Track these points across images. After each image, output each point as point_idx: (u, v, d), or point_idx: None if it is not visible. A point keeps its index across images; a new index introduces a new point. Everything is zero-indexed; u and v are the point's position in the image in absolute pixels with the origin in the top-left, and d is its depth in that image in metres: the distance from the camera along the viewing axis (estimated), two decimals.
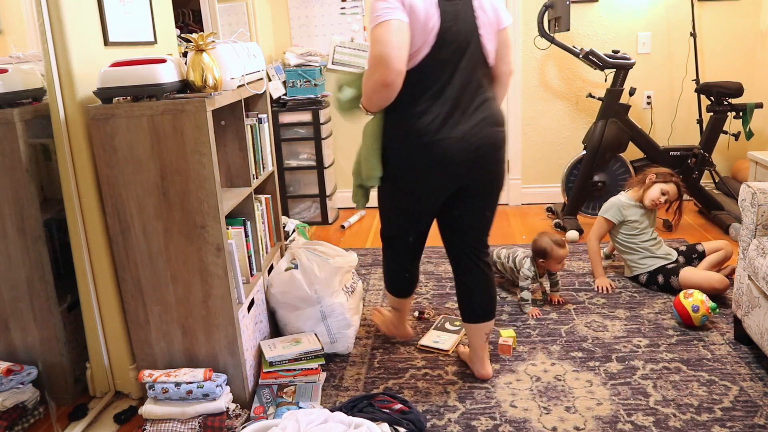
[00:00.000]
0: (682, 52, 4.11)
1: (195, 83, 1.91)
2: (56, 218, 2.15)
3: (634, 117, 4.01)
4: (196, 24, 3.82)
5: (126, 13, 2.22)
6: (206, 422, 1.96)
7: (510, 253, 2.90)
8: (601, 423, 1.96)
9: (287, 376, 2.17)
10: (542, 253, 2.73)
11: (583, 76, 4.22)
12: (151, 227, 1.98)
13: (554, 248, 2.70)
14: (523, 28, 4.16)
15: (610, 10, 4.10)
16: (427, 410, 2.08)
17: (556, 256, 2.70)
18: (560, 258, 2.71)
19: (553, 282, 2.84)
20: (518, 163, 4.40)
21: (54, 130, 1.99)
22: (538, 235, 2.79)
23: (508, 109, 4.30)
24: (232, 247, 2.05)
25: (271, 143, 2.69)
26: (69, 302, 2.20)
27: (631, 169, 3.75)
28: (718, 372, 2.20)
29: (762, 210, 2.21)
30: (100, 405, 2.18)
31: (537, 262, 2.77)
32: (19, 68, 2.12)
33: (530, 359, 2.35)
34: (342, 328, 2.43)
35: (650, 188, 2.94)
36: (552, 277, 2.84)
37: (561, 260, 2.72)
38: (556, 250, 2.70)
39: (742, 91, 3.60)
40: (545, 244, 2.72)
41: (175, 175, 1.92)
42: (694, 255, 2.99)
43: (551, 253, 2.70)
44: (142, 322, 2.08)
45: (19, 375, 2.07)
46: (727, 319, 2.56)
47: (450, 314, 2.75)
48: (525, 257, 2.80)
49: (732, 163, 4.28)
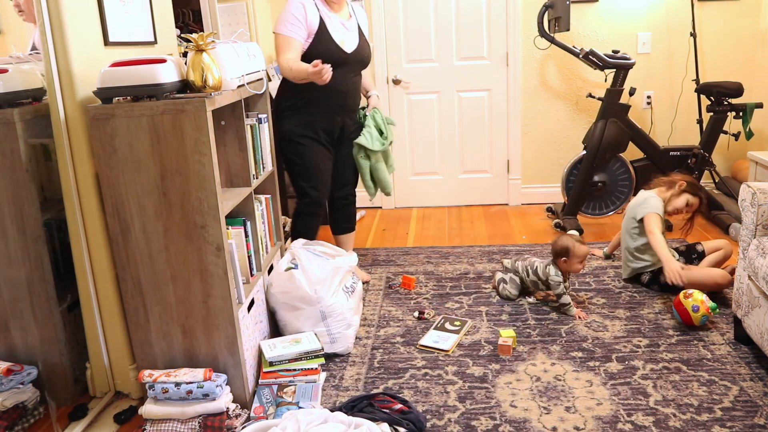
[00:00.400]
0: (682, 52, 4.11)
1: (195, 83, 1.91)
2: (56, 218, 2.15)
3: (634, 117, 4.01)
4: (196, 24, 3.82)
5: (126, 13, 2.22)
6: (206, 422, 1.96)
7: (527, 265, 2.83)
8: (601, 423, 1.96)
9: (287, 376, 2.17)
10: (564, 252, 2.69)
11: (583, 76, 4.22)
12: (151, 227, 1.98)
13: (576, 245, 2.68)
14: (523, 28, 4.16)
15: (610, 10, 4.10)
16: (427, 410, 2.08)
17: (578, 253, 2.68)
18: (582, 255, 2.69)
19: None
20: (518, 163, 4.41)
21: (54, 130, 1.99)
22: (557, 237, 2.77)
23: (508, 108, 4.31)
24: (232, 247, 2.05)
25: (271, 143, 2.69)
26: (69, 302, 2.20)
27: (631, 169, 3.75)
28: (718, 372, 2.20)
29: (762, 210, 2.21)
30: (100, 405, 2.18)
31: (559, 262, 2.72)
32: (19, 68, 2.12)
33: (530, 359, 2.35)
34: (342, 328, 2.43)
35: (678, 197, 2.89)
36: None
37: (583, 258, 2.70)
38: (578, 246, 2.68)
39: (742, 91, 3.60)
40: (567, 242, 2.70)
41: (175, 175, 1.92)
42: (694, 255, 2.99)
43: (573, 249, 2.67)
44: (142, 322, 2.08)
45: (19, 375, 2.07)
46: (727, 319, 2.56)
47: (450, 314, 2.75)
48: (547, 265, 2.75)
49: (732, 163, 4.28)
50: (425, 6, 4.20)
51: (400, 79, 4.30)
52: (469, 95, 4.33)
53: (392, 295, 3.01)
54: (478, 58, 4.26)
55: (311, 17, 2.64)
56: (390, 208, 4.54)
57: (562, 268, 2.72)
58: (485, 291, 2.98)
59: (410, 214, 4.43)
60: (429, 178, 4.52)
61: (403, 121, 4.38)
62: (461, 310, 2.80)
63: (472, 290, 3.00)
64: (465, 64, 4.28)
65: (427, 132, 4.42)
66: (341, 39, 2.69)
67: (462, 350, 2.45)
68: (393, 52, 4.28)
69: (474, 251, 3.53)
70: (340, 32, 2.70)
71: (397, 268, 3.33)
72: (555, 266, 2.72)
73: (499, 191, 4.49)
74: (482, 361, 2.36)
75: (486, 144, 4.41)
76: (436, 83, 4.32)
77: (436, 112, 4.37)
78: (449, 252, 3.55)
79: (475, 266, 3.29)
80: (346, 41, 2.72)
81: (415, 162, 4.48)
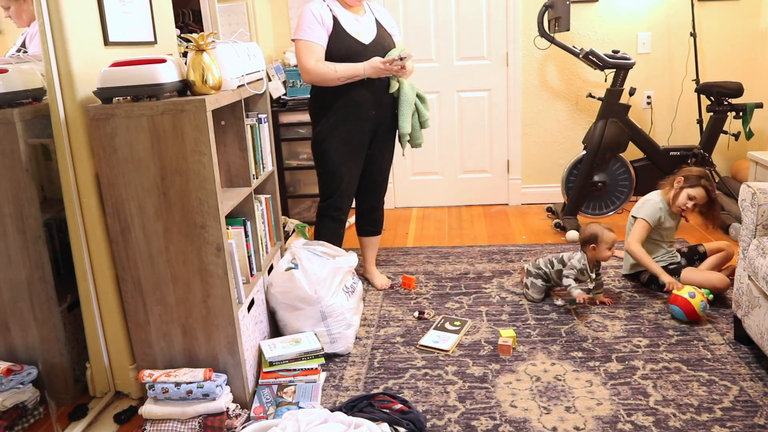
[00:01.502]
0: (682, 52, 4.11)
1: (195, 83, 1.91)
2: (56, 218, 2.15)
3: (634, 117, 4.01)
4: (196, 24, 3.82)
5: (126, 13, 2.22)
6: (206, 422, 1.96)
7: (551, 258, 2.83)
8: (601, 423, 1.96)
9: (287, 376, 2.17)
10: (593, 239, 2.72)
11: (583, 76, 4.22)
12: (151, 227, 1.98)
13: (604, 231, 2.71)
14: (523, 28, 4.16)
15: (610, 10, 4.10)
16: (427, 410, 2.08)
17: (606, 239, 2.70)
18: (611, 242, 2.71)
19: (597, 284, 2.80)
20: (518, 163, 4.41)
21: (54, 130, 1.99)
22: (585, 225, 2.82)
23: (508, 108, 4.31)
24: (232, 247, 2.05)
25: (271, 143, 2.69)
26: (69, 302, 2.20)
27: (630, 169, 3.75)
28: (718, 372, 2.20)
29: (762, 210, 2.21)
30: (100, 405, 2.18)
31: (588, 249, 2.75)
32: (19, 68, 2.12)
33: (530, 359, 2.35)
34: (342, 328, 2.43)
35: (679, 194, 2.83)
36: (597, 278, 2.80)
37: (611, 244, 2.72)
38: (606, 233, 2.70)
39: (742, 91, 3.60)
40: (595, 229, 2.73)
41: (175, 175, 1.92)
42: (696, 256, 2.99)
43: (601, 236, 2.70)
44: (142, 322, 2.08)
45: (19, 375, 2.07)
46: (727, 319, 2.56)
47: (450, 314, 2.75)
48: (574, 252, 2.80)
49: (732, 163, 4.28)
50: (425, 6, 4.20)
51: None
52: (469, 95, 4.33)
53: (392, 295, 3.01)
54: (478, 58, 4.26)
55: (326, 17, 2.64)
56: (390, 208, 4.53)
57: (590, 257, 2.74)
58: (485, 291, 2.98)
59: (410, 214, 4.43)
60: (429, 178, 4.52)
61: None
62: (461, 310, 2.80)
63: (472, 290, 3.00)
64: (465, 64, 4.28)
65: (427, 132, 4.41)
66: (356, 31, 2.69)
67: (462, 350, 2.45)
68: None
69: (474, 251, 3.53)
70: (355, 26, 2.70)
71: (397, 268, 3.33)
72: (582, 254, 2.76)
73: (499, 191, 4.49)
74: (482, 361, 2.36)
75: (486, 144, 4.41)
76: (436, 83, 4.31)
77: (436, 112, 4.36)
78: (449, 252, 3.55)
79: (475, 266, 3.29)
80: (362, 33, 2.70)
81: (415, 162, 4.48)
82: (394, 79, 2.73)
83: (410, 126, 2.78)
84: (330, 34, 2.65)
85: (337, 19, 2.67)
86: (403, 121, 2.75)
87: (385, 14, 2.87)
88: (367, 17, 2.77)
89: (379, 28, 2.77)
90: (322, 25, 2.63)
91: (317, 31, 2.62)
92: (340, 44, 2.65)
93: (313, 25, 2.62)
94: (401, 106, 2.75)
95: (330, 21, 2.65)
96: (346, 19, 2.69)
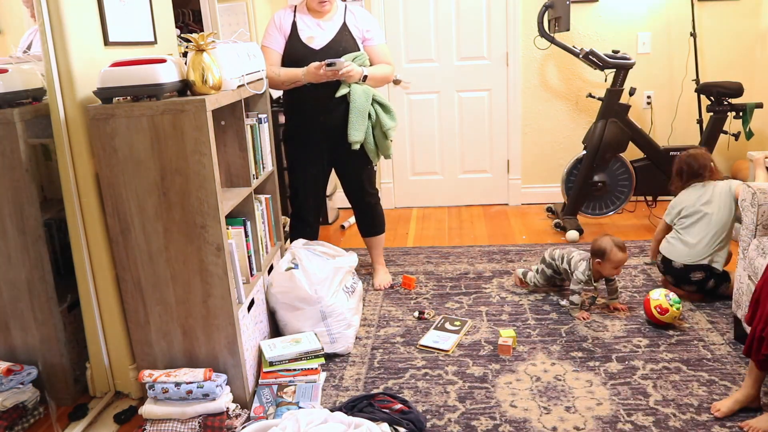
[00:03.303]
0: (682, 52, 4.11)
1: (195, 83, 1.91)
2: (56, 218, 2.15)
3: (634, 117, 4.01)
4: (196, 24, 3.82)
5: (126, 13, 2.22)
6: (206, 422, 1.96)
7: (565, 254, 2.80)
8: (601, 423, 1.96)
9: (287, 376, 2.17)
10: (600, 253, 2.62)
11: (583, 76, 4.22)
12: (151, 227, 1.98)
13: (614, 249, 2.59)
14: (523, 28, 4.16)
15: (610, 10, 4.10)
16: (427, 410, 2.08)
17: (613, 259, 2.59)
18: (617, 262, 2.60)
19: (611, 289, 2.72)
20: (518, 163, 4.40)
21: (54, 130, 1.99)
22: (601, 235, 2.69)
23: (508, 108, 4.31)
24: (232, 247, 2.05)
25: (271, 143, 2.69)
26: (69, 302, 2.20)
27: (631, 169, 3.75)
28: (718, 372, 2.20)
29: (762, 210, 2.21)
30: (100, 405, 2.18)
31: (593, 262, 2.66)
32: (19, 68, 2.12)
33: (530, 359, 2.35)
34: (342, 328, 2.43)
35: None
36: (610, 283, 2.71)
37: (618, 265, 2.62)
38: (615, 252, 2.59)
39: (742, 91, 3.60)
40: (605, 244, 2.61)
41: (175, 175, 1.92)
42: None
43: (609, 254, 2.59)
44: (142, 322, 2.08)
45: (19, 375, 2.07)
46: (727, 319, 2.56)
47: (450, 314, 2.75)
48: (581, 260, 2.71)
49: (732, 163, 4.27)
50: (425, 6, 4.20)
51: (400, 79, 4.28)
52: (469, 95, 4.33)
53: (392, 295, 3.01)
54: (478, 58, 4.26)
55: (285, 24, 2.76)
56: (390, 208, 4.53)
57: (594, 269, 2.67)
58: (485, 291, 2.98)
59: (410, 214, 4.43)
60: (429, 178, 4.52)
61: (404, 120, 4.37)
62: (461, 310, 2.80)
63: (472, 290, 3.00)
64: (465, 64, 4.28)
65: (427, 132, 4.42)
66: (309, 36, 2.72)
67: (462, 350, 2.45)
68: (393, 52, 4.27)
69: (474, 251, 3.53)
70: (311, 31, 2.74)
71: (397, 268, 3.33)
72: (587, 264, 2.68)
73: (499, 191, 4.49)
74: (482, 361, 2.36)
75: (486, 144, 4.41)
76: (436, 83, 4.31)
77: (436, 112, 4.37)
78: (449, 252, 3.55)
79: (475, 266, 3.29)
80: (316, 38, 2.72)
81: (415, 162, 4.48)
82: (344, 85, 2.70)
83: (361, 134, 2.72)
84: (287, 39, 2.75)
85: (295, 24, 2.75)
86: (351, 129, 2.71)
87: (363, 19, 2.82)
88: (332, 23, 2.77)
89: (340, 34, 2.75)
90: (279, 31, 2.76)
91: (274, 36, 2.76)
92: (291, 49, 2.75)
93: (271, 30, 2.77)
94: (351, 113, 2.71)
95: (288, 27, 2.75)
96: (305, 25, 2.75)
